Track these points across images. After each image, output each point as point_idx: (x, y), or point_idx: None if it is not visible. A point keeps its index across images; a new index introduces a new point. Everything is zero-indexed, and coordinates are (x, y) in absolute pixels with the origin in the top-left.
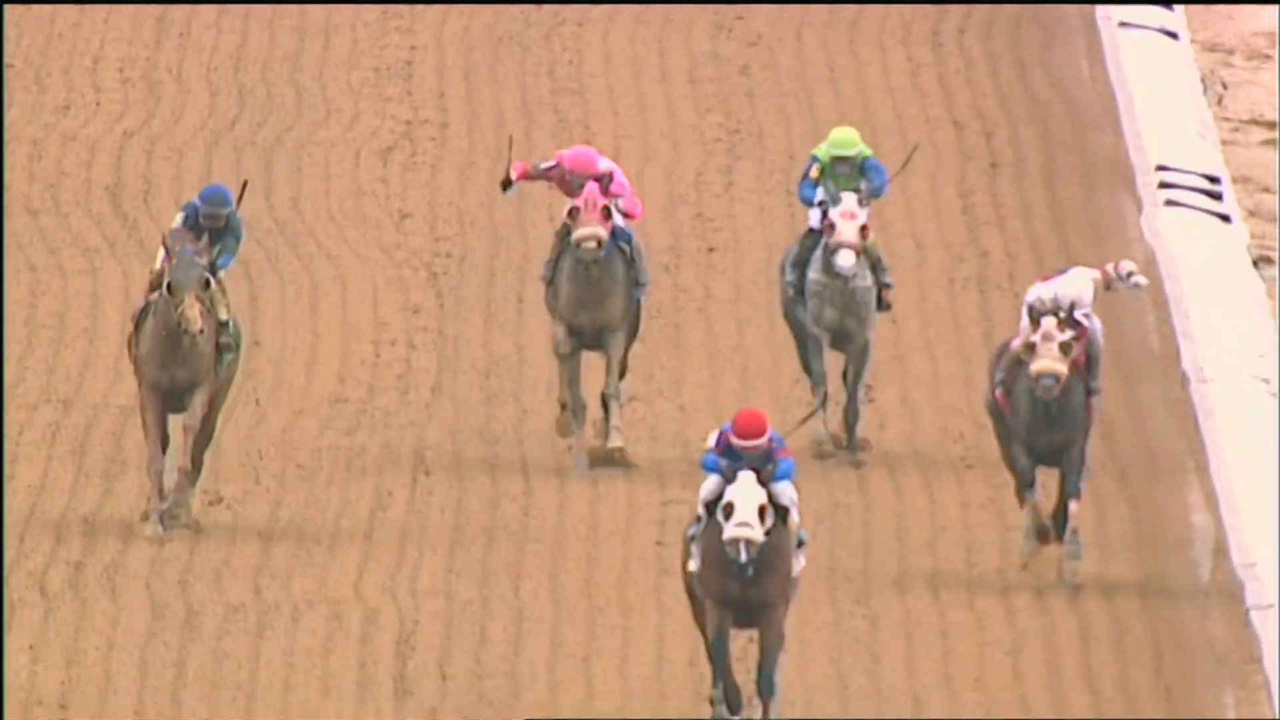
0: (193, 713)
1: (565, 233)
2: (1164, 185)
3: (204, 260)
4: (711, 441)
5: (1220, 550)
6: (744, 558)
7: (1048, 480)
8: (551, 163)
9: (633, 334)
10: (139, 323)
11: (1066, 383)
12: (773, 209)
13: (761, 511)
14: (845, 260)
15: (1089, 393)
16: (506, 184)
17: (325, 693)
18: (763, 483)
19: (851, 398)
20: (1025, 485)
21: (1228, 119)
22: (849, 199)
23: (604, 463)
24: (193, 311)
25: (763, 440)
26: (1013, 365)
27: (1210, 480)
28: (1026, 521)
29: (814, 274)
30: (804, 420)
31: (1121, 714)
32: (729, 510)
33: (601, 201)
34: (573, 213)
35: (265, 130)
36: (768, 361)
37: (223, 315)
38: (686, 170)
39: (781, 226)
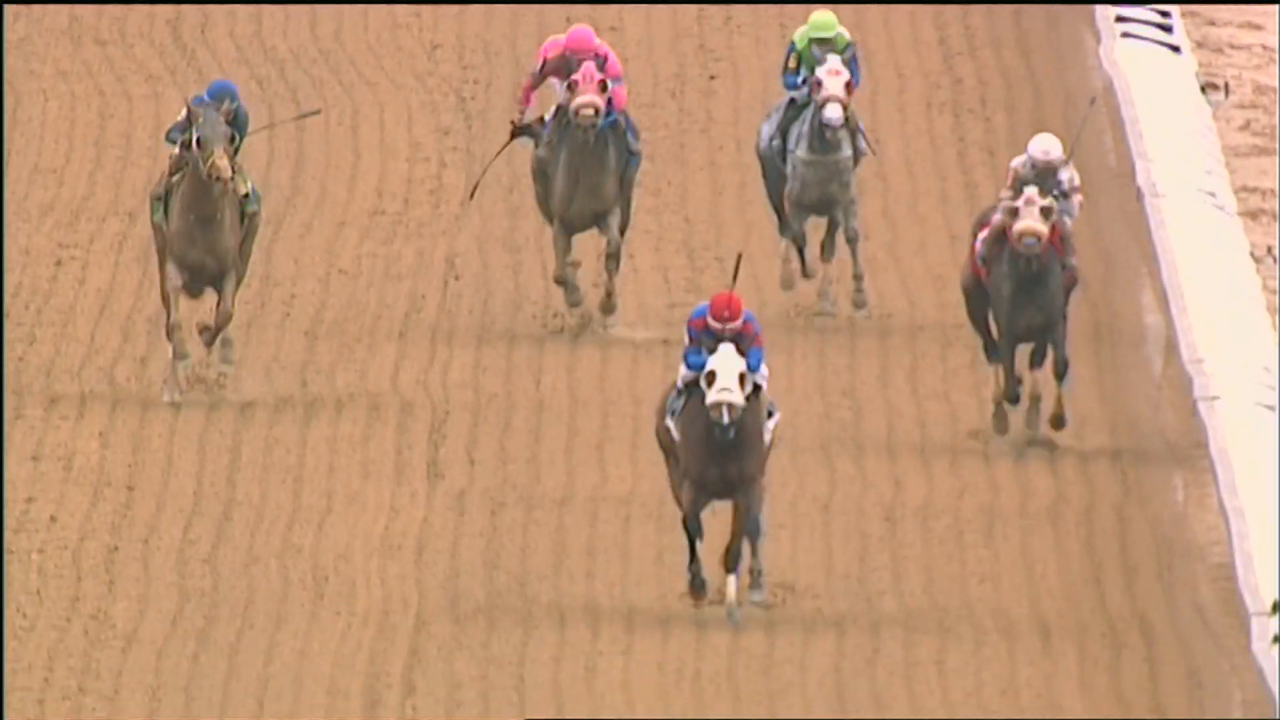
0: (246, 493)
1: (564, 119)
2: (1120, 19)
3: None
4: (687, 330)
5: (1171, 348)
6: (726, 420)
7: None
8: (539, 62)
9: (627, 209)
10: (165, 204)
11: (1045, 253)
12: (767, 40)
13: (741, 379)
14: (833, 112)
15: (1064, 268)
16: (516, 130)
17: (365, 476)
18: (741, 353)
19: (854, 254)
20: (1006, 365)
21: None
22: (833, 58)
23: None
24: (223, 161)
25: (738, 323)
26: (994, 242)
27: (1162, 284)
28: (993, 404)
29: (800, 151)
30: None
31: (1083, 493)
32: (711, 378)
33: (599, 76)
34: (571, 85)
35: None
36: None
37: (243, 189)
38: (690, 5)
39: (775, 57)
